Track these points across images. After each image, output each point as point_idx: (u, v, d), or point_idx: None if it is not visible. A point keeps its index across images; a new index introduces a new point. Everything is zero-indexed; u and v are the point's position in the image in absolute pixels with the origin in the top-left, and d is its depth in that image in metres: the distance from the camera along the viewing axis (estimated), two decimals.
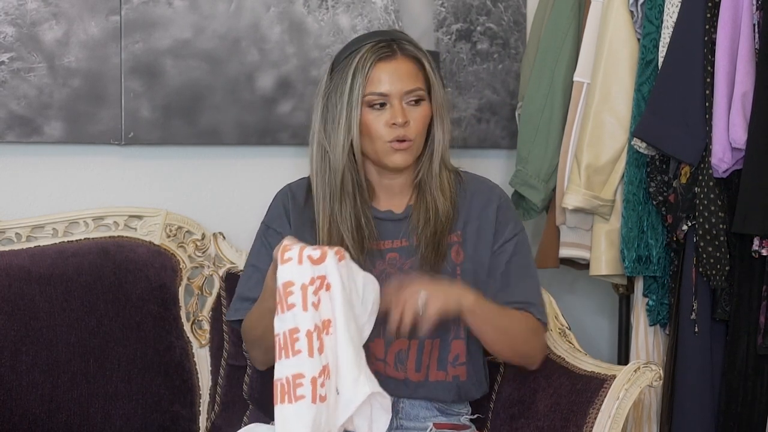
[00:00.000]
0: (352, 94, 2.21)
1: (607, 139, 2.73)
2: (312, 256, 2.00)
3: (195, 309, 2.66)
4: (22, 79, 2.64)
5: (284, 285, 1.99)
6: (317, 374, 1.97)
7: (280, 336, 1.99)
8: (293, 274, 1.99)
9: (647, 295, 2.78)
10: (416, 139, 2.24)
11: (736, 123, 2.49)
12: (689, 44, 2.56)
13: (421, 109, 2.24)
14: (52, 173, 2.72)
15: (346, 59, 2.24)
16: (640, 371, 2.22)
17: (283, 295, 1.99)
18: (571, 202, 2.74)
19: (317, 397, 1.97)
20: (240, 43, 2.80)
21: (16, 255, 2.55)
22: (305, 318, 1.98)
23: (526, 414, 2.33)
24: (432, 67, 2.27)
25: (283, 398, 1.97)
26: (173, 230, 2.69)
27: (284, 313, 1.98)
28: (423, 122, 2.25)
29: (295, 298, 1.98)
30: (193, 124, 2.77)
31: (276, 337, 1.99)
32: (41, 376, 2.46)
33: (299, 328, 1.97)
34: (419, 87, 2.24)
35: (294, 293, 1.98)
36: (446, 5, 2.97)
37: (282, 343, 1.98)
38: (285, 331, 1.98)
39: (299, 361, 1.97)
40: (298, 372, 1.97)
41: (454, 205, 2.30)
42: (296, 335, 1.97)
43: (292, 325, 1.98)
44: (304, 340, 1.97)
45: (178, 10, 2.75)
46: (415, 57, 2.25)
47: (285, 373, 1.98)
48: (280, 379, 1.98)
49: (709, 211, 2.54)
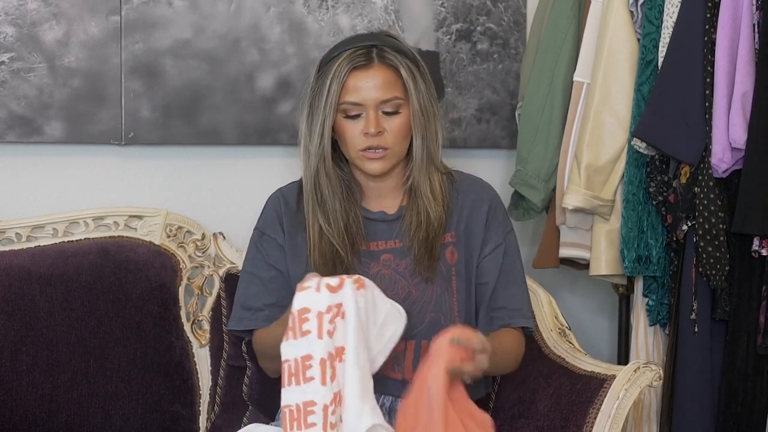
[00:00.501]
0: (328, 101, 2.22)
1: (607, 139, 2.73)
2: (330, 284, 1.98)
3: (195, 309, 2.66)
4: (23, 79, 2.64)
5: (300, 312, 1.97)
6: (329, 402, 1.95)
7: (291, 362, 1.96)
8: (310, 301, 1.97)
9: (647, 295, 2.78)
10: (393, 147, 2.24)
11: (736, 123, 2.49)
12: (689, 44, 2.56)
13: (399, 117, 2.24)
14: (52, 173, 2.72)
15: (327, 64, 2.24)
16: (640, 371, 2.22)
17: (297, 321, 1.97)
18: (571, 202, 2.74)
19: (328, 425, 1.95)
20: (240, 43, 2.80)
21: (16, 255, 2.55)
22: (320, 346, 1.96)
23: (526, 414, 2.33)
24: (413, 73, 2.24)
25: (293, 426, 1.95)
26: (173, 230, 2.69)
27: (297, 339, 1.96)
28: (400, 130, 2.24)
29: (311, 325, 1.96)
30: (193, 124, 2.77)
31: (285, 364, 1.97)
32: (41, 376, 2.46)
33: (313, 356, 1.95)
34: (396, 96, 2.23)
35: (310, 320, 1.96)
36: (446, 5, 2.97)
37: (293, 369, 1.96)
38: (297, 358, 1.96)
39: (311, 389, 1.95)
40: (310, 399, 1.95)
41: (447, 207, 2.30)
42: (309, 362, 1.95)
43: (306, 352, 1.96)
44: (318, 368, 1.95)
45: (178, 10, 2.74)
46: (392, 65, 2.24)
47: (294, 400, 1.96)
48: (290, 405, 1.96)
49: (709, 211, 2.54)
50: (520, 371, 2.39)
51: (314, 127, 2.24)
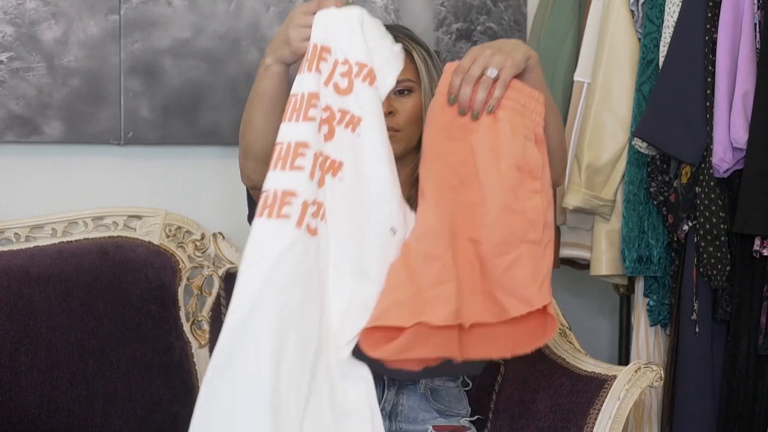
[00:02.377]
0: None
1: (607, 139, 2.73)
2: (339, 85, 1.87)
3: (194, 309, 2.66)
4: (21, 79, 2.64)
5: (309, 96, 1.84)
6: (311, 201, 1.81)
7: (283, 145, 1.82)
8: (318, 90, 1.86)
9: (648, 295, 2.78)
10: (405, 129, 2.22)
11: (737, 123, 2.48)
12: (690, 44, 2.56)
13: (411, 100, 2.23)
14: (51, 173, 2.72)
15: None
16: (641, 372, 2.21)
17: (304, 104, 1.81)
18: (572, 202, 2.74)
19: (304, 224, 1.80)
20: (240, 42, 2.79)
21: (15, 255, 2.54)
22: (316, 139, 1.83)
23: (527, 414, 2.32)
24: (425, 60, 2.24)
25: (263, 212, 1.79)
26: (172, 230, 2.68)
27: (299, 122, 1.83)
28: (412, 112, 2.23)
29: (316, 112, 1.84)
30: (192, 123, 2.77)
31: (277, 146, 1.83)
32: (40, 376, 2.46)
33: (309, 144, 1.82)
34: (408, 78, 2.22)
35: (316, 107, 1.84)
36: (446, 5, 2.96)
37: (283, 153, 1.82)
38: (291, 142, 1.81)
39: (296, 178, 1.80)
40: (291, 189, 1.80)
41: None
42: (303, 150, 1.82)
43: (302, 139, 1.81)
44: (311, 158, 1.82)
45: (178, 10, 2.74)
46: (405, 49, 2.23)
47: (275, 185, 1.80)
48: (267, 191, 1.80)
49: (710, 211, 2.54)
50: (520, 371, 2.38)
51: None
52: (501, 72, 1.92)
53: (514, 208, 1.88)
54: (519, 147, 1.89)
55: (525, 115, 1.91)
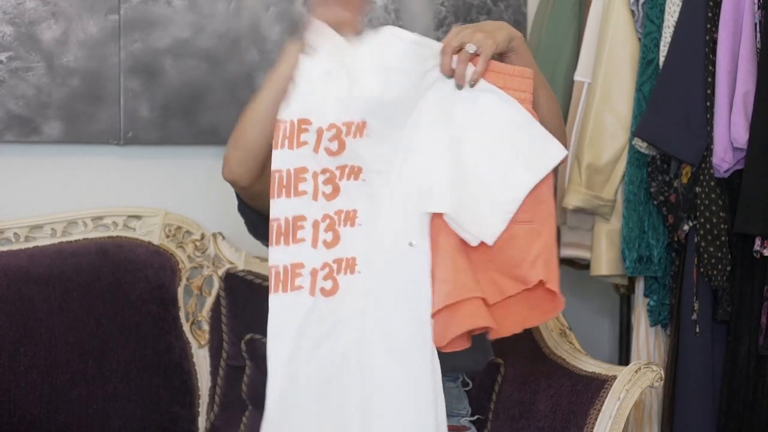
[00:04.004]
0: None
1: (607, 139, 2.73)
2: (330, 149, 1.90)
3: (194, 309, 2.66)
4: (21, 79, 2.63)
5: (297, 171, 1.89)
6: (319, 267, 1.88)
7: (281, 221, 1.88)
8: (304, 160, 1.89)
9: (648, 295, 2.77)
10: None
11: (738, 122, 2.48)
12: (690, 43, 2.56)
13: None
14: (51, 173, 2.72)
15: None
16: (641, 372, 2.21)
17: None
18: (572, 202, 2.74)
19: (317, 290, 1.88)
20: (239, 42, 2.79)
21: (15, 255, 2.54)
22: (313, 208, 1.89)
23: (527, 415, 2.32)
24: None
25: (278, 287, 1.87)
26: (172, 230, 2.68)
27: (290, 198, 1.88)
28: None
29: (307, 186, 1.88)
30: (192, 123, 2.77)
31: (273, 223, 1.88)
32: (40, 376, 2.46)
33: (306, 217, 1.88)
34: None
35: (307, 180, 1.89)
36: (446, 4, 2.96)
37: (283, 229, 1.88)
38: (288, 217, 1.88)
39: (299, 249, 1.87)
40: (298, 261, 1.87)
41: None
42: (301, 223, 1.88)
43: (298, 213, 1.88)
44: (309, 229, 1.88)
45: (178, 10, 2.74)
46: None
47: (282, 261, 1.87)
48: (276, 266, 1.88)
49: (710, 211, 2.53)
50: (520, 372, 2.38)
51: None
52: (481, 49, 1.94)
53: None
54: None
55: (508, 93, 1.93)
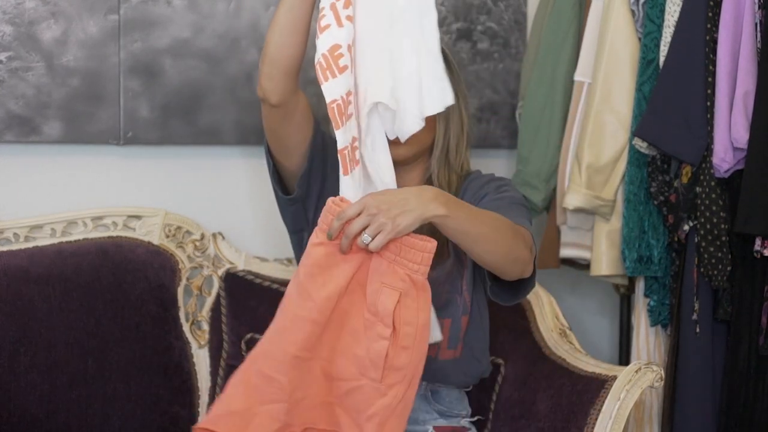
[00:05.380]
0: None
1: (608, 139, 2.73)
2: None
3: (194, 309, 2.66)
4: (21, 79, 2.63)
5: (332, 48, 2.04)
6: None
7: (322, 60, 2.04)
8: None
9: (648, 295, 2.77)
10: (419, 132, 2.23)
11: (738, 122, 2.48)
12: (691, 43, 2.55)
13: None
14: (51, 173, 2.71)
15: None
16: (641, 372, 2.21)
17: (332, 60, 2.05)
18: (572, 202, 2.74)
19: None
20: (239, 42, 2.79)
21: (15, 255, 2.54)
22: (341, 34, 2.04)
23: (527, 415, 2.32)
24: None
25: (341, 119, 2.01)
26: (172, 230, 2.68)
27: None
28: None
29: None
30: (192, 123, 2.77)
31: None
32: (39, 377, 2.45)
33: (341, 44, 2.02)
34: None
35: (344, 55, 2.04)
36: (446, 4, 2.96)
37: (325, 64, 2.03)
38: (325, 52, 2.04)
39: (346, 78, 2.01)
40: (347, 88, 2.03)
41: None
42: (339, 51, 2.02)
43: (334, 42, 2.02)
44: (347, 55, 2.00)
45: (177, 10, 2.74)
46: None
47: (339, 93, 2.01)
48: (336, 100, 2.01)
49: (710, 211, 2.53)
50: (520, 372, 2.38)
51: None
52: (375, 238, 1.93)
53: (361, 345, 1.98)
54: (374, 293, 1.97)
55: (397, 263, 1.96)
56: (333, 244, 1.98)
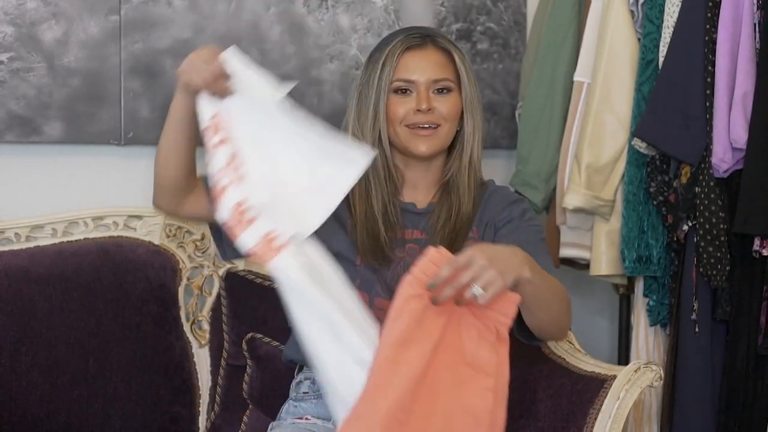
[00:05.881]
0: (380, 82, 2.22)
1: (607, 139, 2.73)
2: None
3: (195, 309, 2.66)
4: (22, 79, 2.64)
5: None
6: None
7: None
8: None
9: (648, 295, 2.78)
10: (443, 126, 2.23)
11: (737, 123, 2.48)
12: (690, 44, 2.56)
13: (449, 98, 2.24)
14: (52, 173, 2.72)
15: (378, 52, 2.26)
16: (641, 371, 2.21)
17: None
18: (572, 202, 2.74)
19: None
20: (240, 43, 2.78)
21: (15, 255, 2.54)
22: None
23: (527, 415, 2.32)
24: (464, 62, 2.26)
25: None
26: (173, 230, 2.68)
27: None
28: (450, 111, 2.23)
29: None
30: None
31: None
32: (40, 376, 2.46)
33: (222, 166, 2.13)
34: (447, 77, 2.23)
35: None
36: (446, 5, 2.96)
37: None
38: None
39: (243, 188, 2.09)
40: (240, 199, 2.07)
41: (476, 205, 2.29)
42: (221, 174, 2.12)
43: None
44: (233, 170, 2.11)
45: (178, 10, 2.74)
46: (446, 49, 2.25)
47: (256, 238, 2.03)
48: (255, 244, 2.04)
49: (709, 211, 2.54)
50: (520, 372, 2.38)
51: (367, 113, 2.24)
52: (486, 291, 1.90)
53: (462, 404, 1.94)
54: (474, 346, 1.95)
55: (486, 316, 1.95)
56: (427, 296, 1.91)
